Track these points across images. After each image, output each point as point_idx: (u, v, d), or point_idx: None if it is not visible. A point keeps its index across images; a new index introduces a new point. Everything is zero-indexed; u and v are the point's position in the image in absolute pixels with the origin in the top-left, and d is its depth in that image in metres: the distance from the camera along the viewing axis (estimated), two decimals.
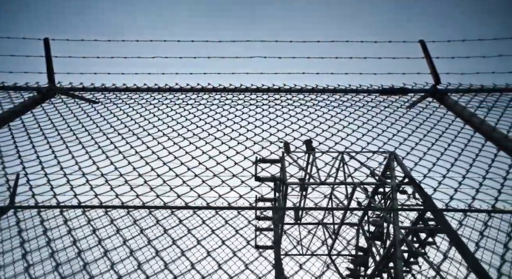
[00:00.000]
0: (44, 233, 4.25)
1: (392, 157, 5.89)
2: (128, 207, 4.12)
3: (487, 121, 4.43)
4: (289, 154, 5.67)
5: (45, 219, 4.88)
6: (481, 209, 4.85)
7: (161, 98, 7.09)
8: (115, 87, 7.20)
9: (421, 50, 6.77)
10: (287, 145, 5.62)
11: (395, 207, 5.27)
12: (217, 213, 5.28)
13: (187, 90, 7.06)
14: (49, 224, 5.22)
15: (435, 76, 6.60)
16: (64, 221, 4.45)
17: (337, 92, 6.58)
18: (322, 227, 8.50)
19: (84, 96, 6.80)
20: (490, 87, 6.79)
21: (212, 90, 6.97)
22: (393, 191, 5.44)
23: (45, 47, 6.71)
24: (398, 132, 5.90)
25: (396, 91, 6.26)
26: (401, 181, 5.53)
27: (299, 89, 6.58)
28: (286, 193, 5.42)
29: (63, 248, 4.38)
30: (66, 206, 4.11)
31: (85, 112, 6.69)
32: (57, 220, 5.31)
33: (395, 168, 5.77)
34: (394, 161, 5.74)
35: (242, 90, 6.95)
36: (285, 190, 5.31)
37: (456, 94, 6.24)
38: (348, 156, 5.74)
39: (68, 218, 4.57)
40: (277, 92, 6.62)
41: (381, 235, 6.08)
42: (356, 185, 5.78)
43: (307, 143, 5.85)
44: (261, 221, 6.76)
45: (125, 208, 4.22)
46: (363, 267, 6.75)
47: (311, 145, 5.86)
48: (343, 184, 6.23)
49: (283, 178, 5.18)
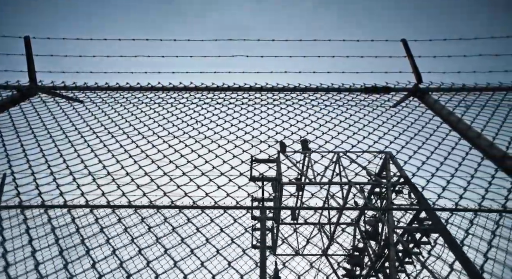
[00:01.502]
0: (26, 231, 4.32)
1: (388, 157, 6.07)
2: (114, 206, 4.24)
3: (463, 120, 4.70)
4: (284, 154, 5.79)
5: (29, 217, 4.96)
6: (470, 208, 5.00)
7: (141, 97, 7.25)
8: (97, 86, 7.23)
9: (403, 49, 7.04)
10: (283, 144, 5.70)
11: (389, 207, 5.33)
12: (225, 212, 5.43)
13: (168, 89, 7.16)
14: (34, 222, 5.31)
15: (417, 75, 6.83)
16: (48, 219, 4.54)
17: (319, 91, 6.73)
18: (318, 227, 8.66)
19: (66, 95, 6.86)
20: (471, 87, 7.05)
21: (194, 89, 7.10)
22: (388, 191, 5.57)
23: (25, 45, 6.74)
24: (389, 131, 6.15)
25: (378, 90, 6.46)
26: (396, 181, 5.70)
27: (281, 88, 6.71)
28: (281, 193, 5.50)
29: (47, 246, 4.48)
30: (51, 205, 4.22)
31: (63, 111, 6.81)
32: (43, 218, 5.40)
33: (390, 168, 5.95)
34: (390, 161, 5.90)
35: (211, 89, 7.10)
36: (280, 190, 5.38)
37: (437, 93, 6.51)
38: (345, 157, 5.86)
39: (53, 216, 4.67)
40: (259, 91, 6.76)
41: (375, 234, 6.24)
42: (351, 185, 5.95)
43: (303, 142, 5.94)
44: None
45: (111, 207, 4.34)
46: (358, 267, 6.94)
47: (307, 145, 5.94)
48: (338, 184, 6.40)
49: (278, 178, 5.27)
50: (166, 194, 4.46)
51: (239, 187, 4.91)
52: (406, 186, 5.60)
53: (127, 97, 7.32)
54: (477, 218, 5.64)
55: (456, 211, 5.42)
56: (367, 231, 6.56)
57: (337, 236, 8.16)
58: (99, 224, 4.68)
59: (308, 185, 6.29)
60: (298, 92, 6.69)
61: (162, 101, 7.11)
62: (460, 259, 3.81)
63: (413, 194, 5.33)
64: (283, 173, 5.87)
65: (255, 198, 6.50)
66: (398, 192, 5.84)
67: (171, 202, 4.36)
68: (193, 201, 4.43)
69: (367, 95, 6.69)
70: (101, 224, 4.70)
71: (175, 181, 4.64)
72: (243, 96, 7.03)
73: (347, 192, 6.41)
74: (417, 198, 5.12)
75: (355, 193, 6.60)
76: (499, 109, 6.19)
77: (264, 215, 6.53)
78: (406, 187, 5.65)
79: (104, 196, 4.27)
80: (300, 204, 7.04)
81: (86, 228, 4.73)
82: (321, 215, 8.56)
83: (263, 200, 6.30)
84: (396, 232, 5.52)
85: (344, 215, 8.45)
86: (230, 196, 4.68)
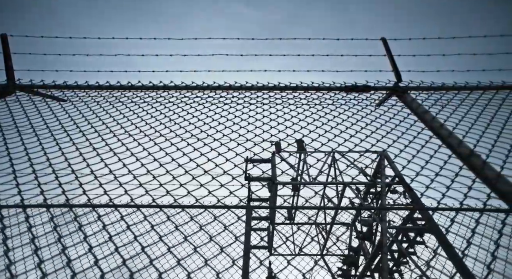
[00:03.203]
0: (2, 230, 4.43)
1: (383, 156, 6.25)
2: (93, 205, 4.40)
3: (437, 119, 4.96)
4: (279, 153, 5.90)
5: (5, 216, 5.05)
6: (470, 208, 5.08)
7: (119, 95, 7.35)
8: (77, 85, 7.36)
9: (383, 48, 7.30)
10: (278, 144, 5.82)
11: (382, 206, 5.52)
12: (229, 209, 5.55)
13: (148, 88, 7.35)
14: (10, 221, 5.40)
15: (396, 74, 7.12)
16: (25, 217, 4.64)
17: (298, 90, 6.95)
18: (315, 227, 8.80)
19: (46, 94, 6.96)
20: (450, 86, 7.36)
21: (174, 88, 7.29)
22: (382, 190, 5.73)
23: (2, 43, 6.83)
24: (377, 130, 6.31)
25: (358, 89, 6.72)
26: (391, 181, 5.87)
27: (260, 87, 6.93)
28: (276, 192, 5.59)
29: None
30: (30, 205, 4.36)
31: (38, 110, 6.84)
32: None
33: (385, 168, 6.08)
34: (385, 160, 6.04)
35: None
36: (275, 190, 5.41)
37: (415, 92, 6.79)
38: (344, 157, 5.99)
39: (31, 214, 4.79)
40: (237, 90, 6.96)
41: (370, 234, 6.34)
42: (346, 184, 6.09)
43: (298, 142, 6.03)
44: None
45: (89, 206, 4.48)
46: (353, 267, 7.09)
47: (302, 144, 6.05)
48: (333, 183, 6.54)
49: (273, 177, 5.37)
50: (189, 192, 4.58)
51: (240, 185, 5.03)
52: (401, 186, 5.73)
53: (104, 96, 7.42)
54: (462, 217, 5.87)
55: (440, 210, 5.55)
56: (361, 231, 6.73)
57: (334, 234, 8.34)
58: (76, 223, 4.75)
59: (303, 185, 6.45)
60: (277, 90, 6.90)
61: (139, 100, 7.23)
62: (453, 260, 3.91)
63: (408, 194, 5.43)
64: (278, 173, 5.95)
65: (252, 198, 6.66)
66: (393, 192, 5.97)
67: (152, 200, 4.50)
68: (195, 199, 4.56)
69: (346, 94, 6.90)
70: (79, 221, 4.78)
71: (158, 180, 4.75)
72: (221, 95, 7.20)
73: (341, 192, 6.61)
74: (411, 198, 5.24)
75: (354, 197, 6.72)
76: (475, 108, 6.45)
77: (249, 214, 6.66)
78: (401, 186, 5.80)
79: (85, 194, 4.39)
80: (296, 204, 7.17)
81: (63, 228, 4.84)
82: (317, 214, 8.76)
83: (249, 199, 6.44)
84: (389, 231, 5.65)
85: (344, 215, 8.70)
86: (215, 198, 4.71)
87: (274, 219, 7.09)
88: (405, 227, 5.57)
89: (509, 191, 3.21)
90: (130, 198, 4.47)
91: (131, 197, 4.37)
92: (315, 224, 8.79)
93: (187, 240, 4.58)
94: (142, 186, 4.63)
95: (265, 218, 7.07)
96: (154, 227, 4.45)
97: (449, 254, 3.97)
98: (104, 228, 4.14)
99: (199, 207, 4.42)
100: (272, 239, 7.52)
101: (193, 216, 5.23)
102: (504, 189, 3.28)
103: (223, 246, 4.74)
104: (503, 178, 3.48)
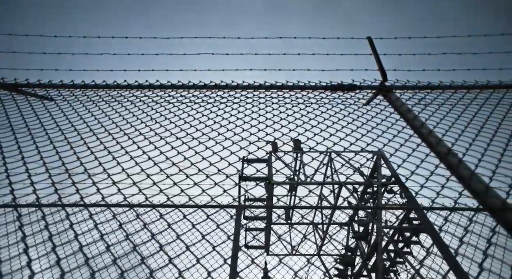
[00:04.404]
0: None
1: (379, 156, 6.37)
2: (61, 205, 4.54)
3: (419, 117, 5.19)
4: (276, 153, 6.02)
5: None
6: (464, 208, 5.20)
7: (104, 94, 7.49)
8: (62, 84, 7.47)
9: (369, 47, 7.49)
10: (274, 144, 5.93)
11: (379, 205, 5.66)
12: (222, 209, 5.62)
13: (133, 87, 7.46)
14: None
15: (382, 73, 7.32)
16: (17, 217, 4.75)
17: (284, 89, 7.09)
18: (312, 227, 8.89)
19: (29, 92, 7.04)
20: (435, 85, 7.58)
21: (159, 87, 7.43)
22: (378, 189, 5.89)
23: None
24: (373, 129, 6.43)
25: (344, 88, 6.90)
26: (387, 180, 6.00)
27: (246, 86, 7.06)
28: (272, 192, 5.71)
29: None
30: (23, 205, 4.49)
31: (19, 109, 6.94)
32: None
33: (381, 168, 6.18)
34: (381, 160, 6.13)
35: None
36: (271, 189, 5.53)
37: (400, 91, 7.01)
38: (340, 157, 6.10)
39: None
40: (222, 89, 7.09)
41: (366, 234, 6.56)
42: (342, 184, 6.23)
43: (295, 142, 6.17)
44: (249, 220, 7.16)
45: (59, 206, 4.62)
46: (350, 267, 7.27)
47: (299, 144, 6.18)
48: (330, 183, 6.68)
49: (269, 177, 5.51)
50: (183, 190, 4.67)
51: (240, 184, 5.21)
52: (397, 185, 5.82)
53: (88, 95, 7.53)
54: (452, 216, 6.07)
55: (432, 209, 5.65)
56: (358, 231, 6.92)
57: (329, 235, 8.52)
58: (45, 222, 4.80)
59: (299, 185, 6.59)
60: (263, 89, 7.05)
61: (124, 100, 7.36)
62: (448, 260, 3.99)
63: (404, 194, 5.57)
64: (275, 173, 6.03)
65: (248, 198, 6.68)
66: (390, 192, 6.10)
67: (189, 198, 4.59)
68: (189, 197, 4.63)
69: (330, 92, 7.08)
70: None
71: (152, 178, 4.87)
72: (205, 94, 7.33)
73: (337, 191, 6.77)
74: (407, 198, 5.34)
75: (349, 196, 6.83)
76: (458, 107, 6.70)
77: (239, 213, 6.82)
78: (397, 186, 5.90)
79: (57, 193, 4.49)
80: (293, 203, 7.30)
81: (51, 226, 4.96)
82: (315, 215, 8.94)
83: (239, 198, 6.57)
84: (384, 231, 5.77)
85: (342, 215, 8.88)
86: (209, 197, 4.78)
87: (271, 219, 7.22)
88: (400, 226, 5.68)
89: (481, 190, 3.43)
90: (123, 197, 4.55)
91: (124, 196, 4.47)
92: (312, 224, 8.94)
93: (179, 238, 4.69)
94: (136, 185, 4.71)
95: (262, 217, 7.21)
96: (146, 225, 4.56)
97: (443, 253, 4.08)
98: (95, 227, 4.26)
99: (190, 206, 4.53)
100: (268, 239, 7.67)
101: (186, 215, 5.32)
102: (476, 187, 3.51)
103: (215, 245, 4.85)
104: (476, 176, 3.71)
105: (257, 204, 6.79)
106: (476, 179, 3.60)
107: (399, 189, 5.77)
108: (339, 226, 8.79)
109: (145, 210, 5.73)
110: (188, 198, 4.63)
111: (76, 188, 4.41)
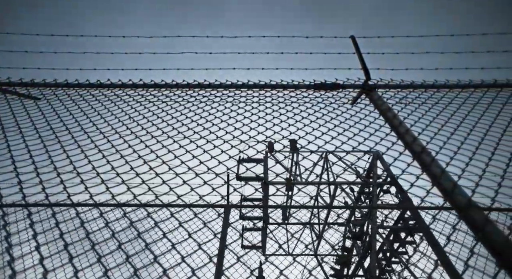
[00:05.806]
0: None
1: (376, 156, 6.51)
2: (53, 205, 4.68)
3: (398, 116, 5.41)
4: (272, 153, 6.13)
5: None
6: None
7: (97, 93, 7.58)
8: (56, 83, 7.62)
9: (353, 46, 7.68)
10: (271, 144, 6.00)
11: (374, 205, 5.80)
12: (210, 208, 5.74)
13: (118, 86, 7.64)
14: None
15: (366, 72, 7.52)
16: None
17: (266, 88, 7.23)
18: (309, 227, 9.06)
19: (19, 92, 7.15)
20: (418, 84, 7.79)
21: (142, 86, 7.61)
22: (373, 190, 6.02)
23: None
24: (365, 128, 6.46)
25: (327, 87, 7.09)
26: (383, 181, 6.13)
27: (229, 85, 7.20)
28: (268, 192, 5.82)
29: None
30: None
31: (11, 107, 7.00)
32: None
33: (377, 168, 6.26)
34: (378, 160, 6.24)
35: None
36: (267, 189, 5.65)
37: (383, 90, 7.24)
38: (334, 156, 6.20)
39: None
40: (203, 88, 7.25)
41: (361, 234, 6.69)
42: (338, 184, 6.36)
43: (291, 142, 6.23)
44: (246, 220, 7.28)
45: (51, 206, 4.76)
46: (346, 266, 7.43)
47: (295, 145, 6.26)
48: (326, 183, 6.80)
49: (265, 178, 5.61)
50: (129, 189, 4.75)
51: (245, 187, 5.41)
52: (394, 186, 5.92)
53: (70, 94, 7.63)
54: None
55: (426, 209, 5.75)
56: (353, 231, 7.06)
57: (327, 235, 8.72)
58: None
59: (295, 184, 6.68)
60: (246, 88, 7.21)
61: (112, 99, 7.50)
62: (441, 259, 4.07)
63: (399, 194, 5.70)
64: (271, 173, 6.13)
65: (244, 198, 6.71)
66: (386, 192, 6.23)
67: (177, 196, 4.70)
68: (177, 196, 4.72)
69: (313, 91, 7.25)
70: None
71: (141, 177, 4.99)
72: (186, 93, 7.48)
73: (333, 191, 6.90)
74: (402, 198, 5.47)
75: (344, 193, 6.96)
76: (438, 106, 6.93)
77: (227, 213, 6.95)
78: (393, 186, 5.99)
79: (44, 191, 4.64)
80: (290, 203, 7.46)
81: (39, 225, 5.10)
82: (312, 215, 9.06)
83: (228, 197, 6.67)
84: (379, 231, 5.88)
85: (340, 215, 9.06)
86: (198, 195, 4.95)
87: (268, 219, 7.42)
88: (395, 226, 5.80)
89: (449, 188, 3.63)
90: (111, 196, 4.66)
91: (113, 195, 4.60)
92: (309, 224, 9.11)
93: (165, 236, 4.82)
94: (125, 183, 4.81)
95: (258, 217, 7.28)
96: (133, 223, 4.70)
97: (436, 252, 4.20)
98: (82, 226, 4.40)
99: (178, 205, 4.61)
100: (265, 239, 7.76)
101: (173, 213, 5.43)
102: (445, 185, 3.72)
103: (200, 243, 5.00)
104: (446, 174, 3.93)
105: (248, 204, 6.87)
106: (445, 177, 3.81)
107: (396, 189, 5.89)
108: (335, 226, 9.00)
109: (132, 209, 5.80)
110: (176, 197, 4.71)
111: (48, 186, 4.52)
